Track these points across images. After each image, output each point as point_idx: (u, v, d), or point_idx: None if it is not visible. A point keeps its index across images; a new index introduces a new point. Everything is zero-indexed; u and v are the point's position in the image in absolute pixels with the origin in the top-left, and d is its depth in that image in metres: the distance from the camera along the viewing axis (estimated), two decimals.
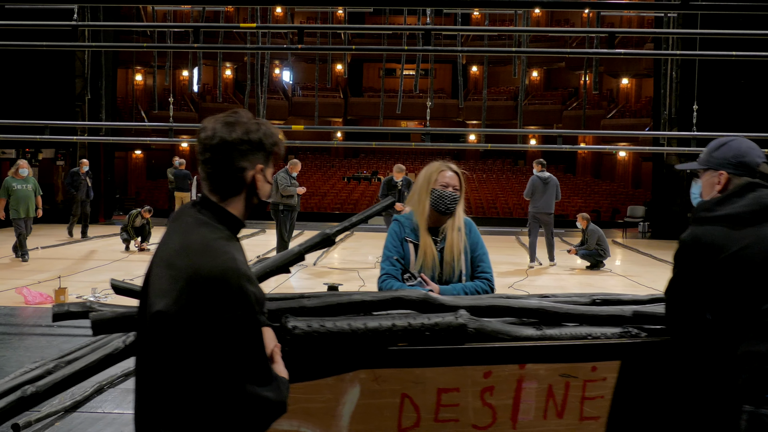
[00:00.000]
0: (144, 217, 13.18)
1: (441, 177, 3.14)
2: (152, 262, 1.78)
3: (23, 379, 2.40)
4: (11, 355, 5.94)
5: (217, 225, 1.73)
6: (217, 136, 1.72)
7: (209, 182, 1.76)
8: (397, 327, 2.15)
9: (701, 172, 2.41)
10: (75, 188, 14.93)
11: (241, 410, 1.60)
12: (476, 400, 2.26)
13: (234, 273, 1.62)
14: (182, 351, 1.59)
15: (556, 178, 12.32)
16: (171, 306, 1.60)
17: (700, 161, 2.40)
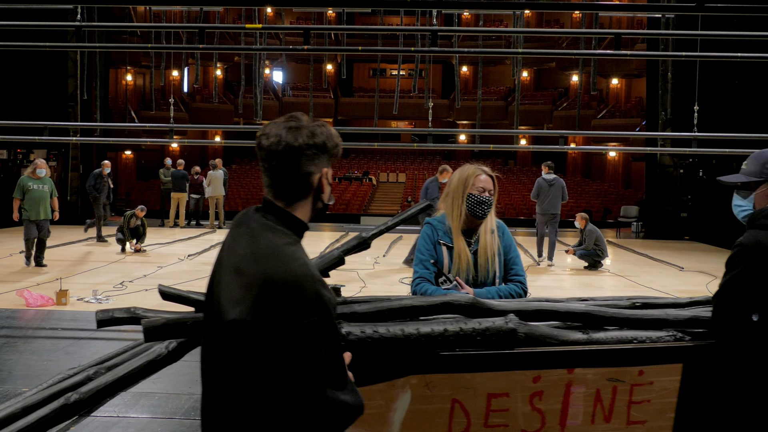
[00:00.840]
0: (138, 216, 13.09)
1: (477, 181, 3.12)
2: (217, 268, 1.76)
3: (64, 385, 2.37)
4: (18, 359, 5.89)
5: (284, 230, 1.72)
6: (283, 142, 1.71)
7: (274, 188, 1.74)
8: (449, 332, 2.14)
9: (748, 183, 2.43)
10: (98, 191, 14.61)
11: (322, 416, 1.58)
12: (525, 404, 2.25)
13: (309, 278, 1.61)
14: (260, 359, 1.57)
15: (562, 180, 12.42)
16: (246, 314, 1.58)
17: (755, 173, 2.42)
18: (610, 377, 2.30)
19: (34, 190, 10.71)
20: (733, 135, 9.94)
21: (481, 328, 2.17)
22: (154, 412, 4.81)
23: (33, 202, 10.65)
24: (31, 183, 10.75)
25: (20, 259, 11.69)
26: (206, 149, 37.66)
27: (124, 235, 12.96)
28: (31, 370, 5.55)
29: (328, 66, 41.17)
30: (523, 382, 2.24)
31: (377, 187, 34.60)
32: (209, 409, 1.70)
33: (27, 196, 10.66)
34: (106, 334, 6.79)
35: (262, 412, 1.59)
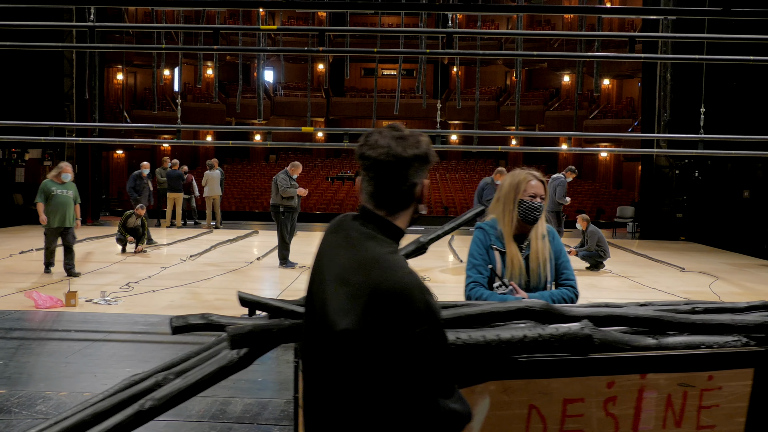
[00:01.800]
0: (138, 215, 12.98)
1: (528, 187, 3.11)
2: (318, 277, 1.75)
3: (133, 391, 2.35)
4: (36, 361, 5.84)
5: (385, 239, 1.72)
6: (393, 152, 1.71)
7: (377, 197, 1.74)
8: (528, 338, 2.14)
9: None
10: (138, 192, 14.37)
11: (434, 426, 1.58)
12: (600, 410, 2.26)
13: (417, 287, 1.61)
14: (372, 369, 1.57)
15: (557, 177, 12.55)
16: (356, 323, 1.58)
17: None
18: (681, 382, 2.32)
19: (57, 195, 9.98)
20: (739, 137, 10.00)
21: (558, 333, 2.18)
22: (179, 414, 4.78)
23: (56, 209, 9.97)
24: (55, 188, 10.03)
25: (22, 260, 11.63)
26: (197, 149, 37.53)
27: (121, 234, 12.87)
28: (51, 372, 5.51)
29: (319, 66, 41.16)
30: (597, 388, 2.25)
31: None
32: (317, 418, 1.69)
33: (50, 201, 9.96)
34: (121, 336, 6.77)
35: (373, 421, 1.58)
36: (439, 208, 29.78)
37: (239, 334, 2.03)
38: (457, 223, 3.07)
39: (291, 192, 11.28)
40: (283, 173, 11.51)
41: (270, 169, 37.04)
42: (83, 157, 18.76)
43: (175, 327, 2.22)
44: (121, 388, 2.41)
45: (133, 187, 14.45)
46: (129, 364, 5.78)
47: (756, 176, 16.10)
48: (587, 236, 11.99)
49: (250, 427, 4.51)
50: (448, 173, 37.20)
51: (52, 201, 9.95)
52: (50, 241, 10.12)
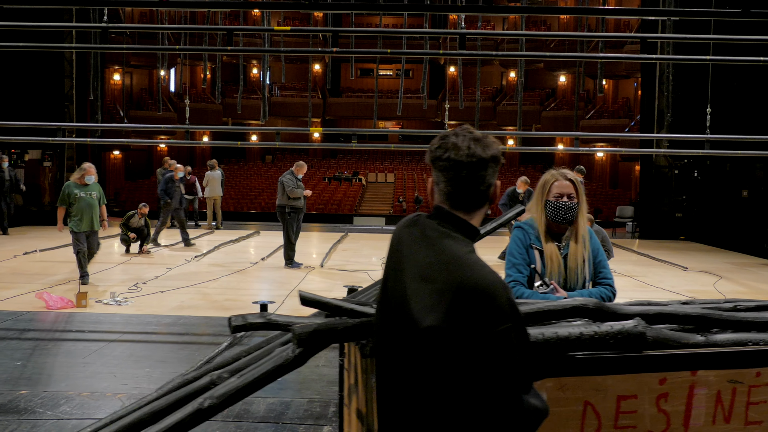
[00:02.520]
0: (142, 213, 12.94)
1: (553, 187, 3.15)
2: (395, 275, 1.77)
3: (189, 390, 2.37)
4: (54, 362, 5.85)
5: (463, 238, 1.75)
6: (475, 154, 1.74)
7: (453, 198, 1.77)
8: (584, 335, 2.17)
9: None
10: (169, 196, 14.01)
11: (517, 423, 1.61)
12: (652, 406, 2.30)
13: (500, 286, 1.64)
14: (457, 365, 1.60)
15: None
16: (442, 321, 1.61)
17: None
18: (731, 379, 2.35)
19: (81, 198, 9.47)
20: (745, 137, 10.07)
21: (613, 331, 2.21)
22: None
23: (82, 212, 9.45)
24: (78, 190, 9.51)
25: (27, 261, 11.61)
26: (194, 149, 37.48)
27: (123, 233, 12.83)
28: (70, 372, 5.52)
29: (315, 66, 41.15)
30: (650, 384, 2.28)
31: (366, 188, 34.60)
32: (396, 414, 1.72)
33: (74, 205, 9.42)
34: (135, 336, 6.78)
35: (458, 417, 1.61)
36: None
37: (306, 332, 2.05)
38: (499, 222, 3.10)
39: (298, 192, 11.29)
40: (289, 174, 11.52)
41: (267, 170, 37.02)
42: (83, 158, 18.69)
43: (235, 326, 2.24)
44: (175, 386, 2.43)
45: (164, 190, 14.11)
46: (148, 364, 5.79)
47: (755, 176, 16.18)
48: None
49: (275, 426, 4.53)
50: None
51: (77, 204, 9.44)
52: (79, 245, 9.49)
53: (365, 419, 2.52)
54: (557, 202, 3.11)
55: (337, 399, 3.27)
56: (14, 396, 4.91)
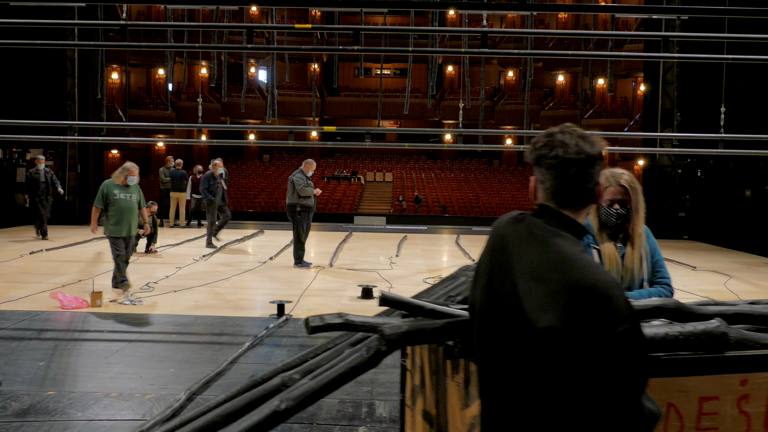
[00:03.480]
0: (152, 211, 12.83)
1: (606, 192, 3.10)
2: (501, 274, 1.74)
3: (261, 391, 2.33)
4: (76, 362, 5.79)
5: (572, 237, 1.72)
6: (583, 151, 1.72)
7: (560, 196, 1.74)
8: (669, 336, 2.14)
9: None
10: (212, 193, 13.77)
11: (636, 425, 1.58)
12: (733, 408, 2.27)
13: (616, 286, 1.60)
14: (577, 367, 1.56)
15: None
16: (560, 321, 1.57)
17: None
18: None
19: (121, 201, 8.80)
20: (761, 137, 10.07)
21: (697, 331, 2.18)
22: None
23: (121, 216, 8.77)
24: (118, 191, 8.83)
25: (34, 261, 11.54)
26: (192, 148, 37.38)
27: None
28: (95, 372, 5.46)
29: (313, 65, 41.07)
30: (731, 386, 2.25)
31: (365, 187, 34.57)
32: (506, 415, 1.68)
33: (113, 207, 8.75)
34: (154, 336, 6.73)
35: (576, 420, 1.58)
36: (437, 208, 29.81)
37: (397, 334, 2.01)
38: None
39: (308, 191, 11.26)
40: (299, 172, 11.48)
41: (265, 169, 36.95)
42: (85, 157, 18.64)
43: (314, 327, 2.20)
44: (245, 388, 2.40)
45: (207, 188, 13.81)
46: (171, 364, 5.74)
47: (758, 175, 16.21)
48: None
49: (310, 427, 4.49)
50: (443, 173, 37.23)
51: (115, 207, 8.74)
52: (118, 249, 8.81)
53: (435, 421, 2.49)
54: (609, 209, 3.08)
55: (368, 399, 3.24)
56: (42, 397, 4.86)
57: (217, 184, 13.86)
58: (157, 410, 4.66)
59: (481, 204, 30.18)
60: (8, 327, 6.87)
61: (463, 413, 2.27)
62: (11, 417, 4.47)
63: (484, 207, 29.76)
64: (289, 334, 6.87)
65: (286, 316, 7.55)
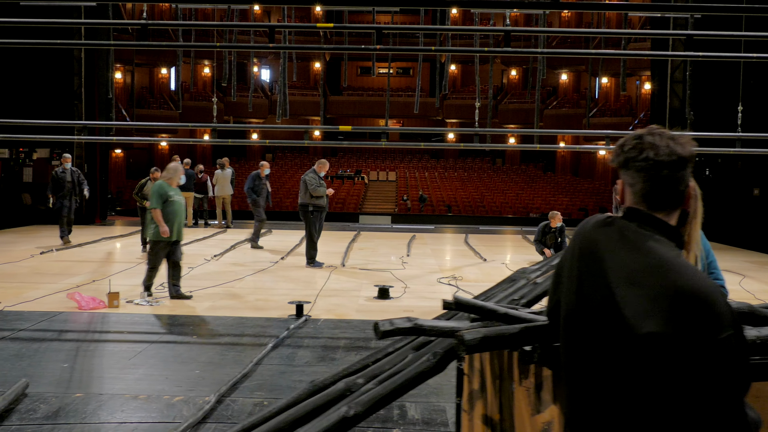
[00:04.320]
0: (155, 178, 12.67)
1: None
2: (593, 279, 1.69)
3: (325, 396, 2.29)
4: (100, 363, 5.75)
5: (667, 240, 1.68)
6: (675, 153, 1.69)
7: (652, 199, 1.71)
8: (760, 339, 2.11)
9: None
10: (257, 193, 13.60)
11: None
12: None
13: (718, 291, 1.57)
14: (680, 373, 1.52)
15: None
16: (662, 327, 1.53)
17: None
18: None
19: (174, 203, 8.40)
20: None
21: None
22: None
23: (172, 218, 8.37)
24: (172, 192, 8.45)
25: (45, 261, 11.50)
26: (195, 147, 37.33)
27: (138, 201, 12.61)
28: (121, 374, 5.42)
29: (316, 64, 41.01)
30: None
31: (369, 186, 34.53)
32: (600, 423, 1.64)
33: (166, 209, 8.35)
34: (175, 338, 6.69)
35: (677, 427, 1.54)
36: (441, 207, 29.77)
37: (477, 339, 1.97)
38: None
39: (321, 191, 11.22)
40: (311, 172, 11.45)
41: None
42: (92, 157, 18.59)
43: (384, 331, 2.15)
44: (308, 393, 2.36)
45: (252, 188, 13.66)
46: (196, 366, 5.70)
47: (766, 174, 16.19)
48: None
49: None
50: (446, 172, 37.19)
51: (168, 208, 8.35)
52: (159, 258, 8.42)
53: (498, 426, 2.45)
54: None
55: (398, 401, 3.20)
56: (70, 399, 4.81)
57: (262, 185, 13.67)
58: (186, 412, 4.62)
59: (486, 203, 30.15)
60: (28, 328, 6.83)
61: (533, 419, 2.23)
62: (41, 419, 4.43)
63: (489, 206, 29.72)
64: (310, 335, 6.83)
65: (305, 317, 7.51)
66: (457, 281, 10.19)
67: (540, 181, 35.05)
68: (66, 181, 13.66)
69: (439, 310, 8.04)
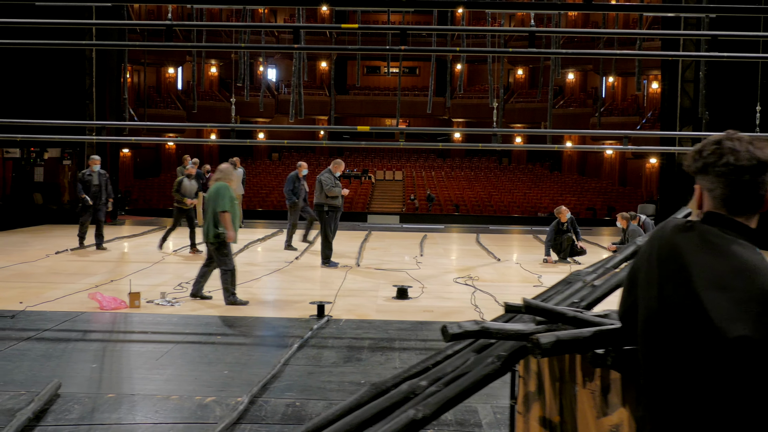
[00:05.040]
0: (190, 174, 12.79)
1: None
2: (675, 283, 1.70)
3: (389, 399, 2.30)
4: (128, 364, 5.77)
5: (749, 244, 1.70)
6: (755, 157, 1.70)
7: (732, 203, 1.73)
8: None
9: None
10: (296, 195, 13.27)
11: None
12: None
13: None
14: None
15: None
16: (752, 331, 1.55)
17: None
18: None
19: (235, 204, 8.34)
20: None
21: None
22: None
23: (234, 220, 8.26)
24: (231, 194, 8.35)
25: (61, 261, 11.54)
26: (202, 147, 37.37)
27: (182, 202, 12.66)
28: (150, 375, 5.44)
29: (322, 64, 41.05)
30: None
31: (375, 186, 34.55)
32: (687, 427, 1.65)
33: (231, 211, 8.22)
34: (200, 338, 6.71)
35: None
36: (449, 207, 29.78)
37: (551, 342, 1.98)
38: None
39: (336, 191, 11.23)
40: (327, 172, 11.47)
41: (275, 167, 36.93)
42: (102, 156, 18.60)
43: (453, 334, 2.16)
44: (370, 396, 2.37)
45: (291, 190, 13.31)
46: (223, 366, 5.71)
47: None
48: (628, 234, 12.01)
49: None
50: (453, 171, 37.19)
51: (232, 211, 8.22)
52: (231, 257, 8.35)
53: (558, 429, 2.46)
54: None
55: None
56: (103, 400, 4.83)
57: (300, 186, 13.37)
58: (219, 413, 4.64)
59: (494, 203, 30.16)
60: (52, 328, 6.85)
61: (599, 422, 2.24)
62: (77, 420, 4.44)
63: (497, 206, 29.73)
64: (334, 335, 6.84)
65: (326, 317, 7.52)
66: (474, 281, 10.20)
67: (547, 180, 35.04)
68: (93, 185, 12.89)
69: (458, 311, 8.11)
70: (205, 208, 8.37)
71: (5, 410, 4.59)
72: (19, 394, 4.89)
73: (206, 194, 8.46)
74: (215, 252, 8.28)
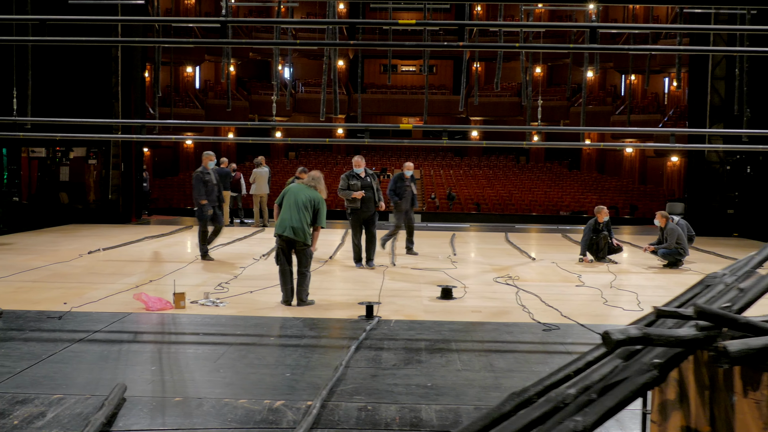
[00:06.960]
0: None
1: None
2: None
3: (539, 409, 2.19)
4: (188, 366, 5.66)
5: None
6: None
7: None
8: None
9: None
10: (399, 195, 12.42)
11: None
12: None
13: None
14: None
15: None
16: None
17: None
18: None
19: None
20: None
21: None
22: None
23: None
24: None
25: (95, 261, 11.49)
26: (219, 146, 37.35)
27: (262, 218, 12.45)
28: (213, 377, 5.33)
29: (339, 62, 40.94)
30: None
31: None
32: None
33: None
34: (252, 339, 6.61)
35: None
36: (470, 205, 29.63)
37: (741, 350, 1.86)
38: None
39: (346, 194, 11.06)
40: (346, 173, 11.38)
41: (292, 166, 36.85)
42: (127, 155, 18.60)
43: (618, 341, 2.05)
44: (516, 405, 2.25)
45: (394, 190, 12.54)
46: (285, 369, 5.59)
47: None
48: (666, 233, 11.83)
49: None
50: (471, 169, 37.03)
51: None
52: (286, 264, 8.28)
53: None
54: None
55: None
56: (172, 403, 4.72)
57: (405, 186, 12.48)
58: (291, 417, 4.54)
59: (515, 201, 29.98)
60: (102, 329, 6.76)
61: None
62: (148, 425, 4.34)
63: (518, 204, 29.55)
64: (387, 337, 6.73)
65: (377, 318, 7.42)
66: (515, 281, 10.07)
67: (566, 178, 34.82)
68: (212, 183, 11.74)
69: (506, 311, 8.01)
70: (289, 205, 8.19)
71: (75, 414, 4.50)
72: (84, 398, 4.80)
73: (298, 194, 8.23)
74: (304, 255, 8.21)
